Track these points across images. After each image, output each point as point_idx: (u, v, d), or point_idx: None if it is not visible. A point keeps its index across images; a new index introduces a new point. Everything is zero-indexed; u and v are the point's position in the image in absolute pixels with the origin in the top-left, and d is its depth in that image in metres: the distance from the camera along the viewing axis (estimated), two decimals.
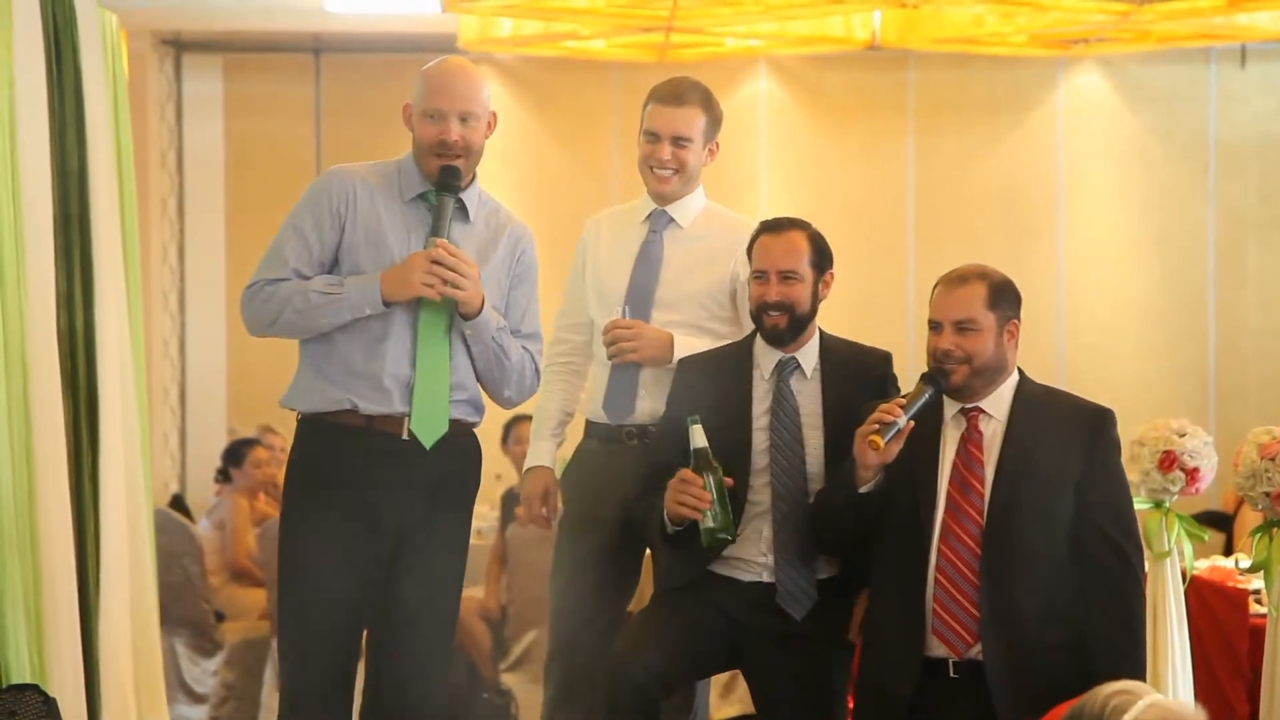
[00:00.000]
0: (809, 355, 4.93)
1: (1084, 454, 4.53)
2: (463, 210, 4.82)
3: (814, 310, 4.92)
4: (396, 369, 4.71)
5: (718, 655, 4.93)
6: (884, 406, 4.57)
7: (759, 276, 4.90)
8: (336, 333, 4.71)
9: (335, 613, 4.71)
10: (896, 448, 4.56)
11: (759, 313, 4.89)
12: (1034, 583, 4.50)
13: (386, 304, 4.68)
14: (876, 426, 4.53)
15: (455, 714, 7.90)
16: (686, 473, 4.72)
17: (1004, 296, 4.62)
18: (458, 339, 4.78)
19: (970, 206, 11.44)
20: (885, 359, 5.01)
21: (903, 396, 4.63)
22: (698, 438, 4.73)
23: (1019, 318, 4.64)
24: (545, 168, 11.47)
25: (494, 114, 4.86)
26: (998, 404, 4.62)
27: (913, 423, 4.55)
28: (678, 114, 5.18)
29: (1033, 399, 4.64)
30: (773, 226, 4.94)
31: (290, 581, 4.77)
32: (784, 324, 4.86)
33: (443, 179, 4.74)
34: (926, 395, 4.58)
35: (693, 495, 4.69)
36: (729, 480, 4.75)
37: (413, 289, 4.64)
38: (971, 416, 4.62)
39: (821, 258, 4.91)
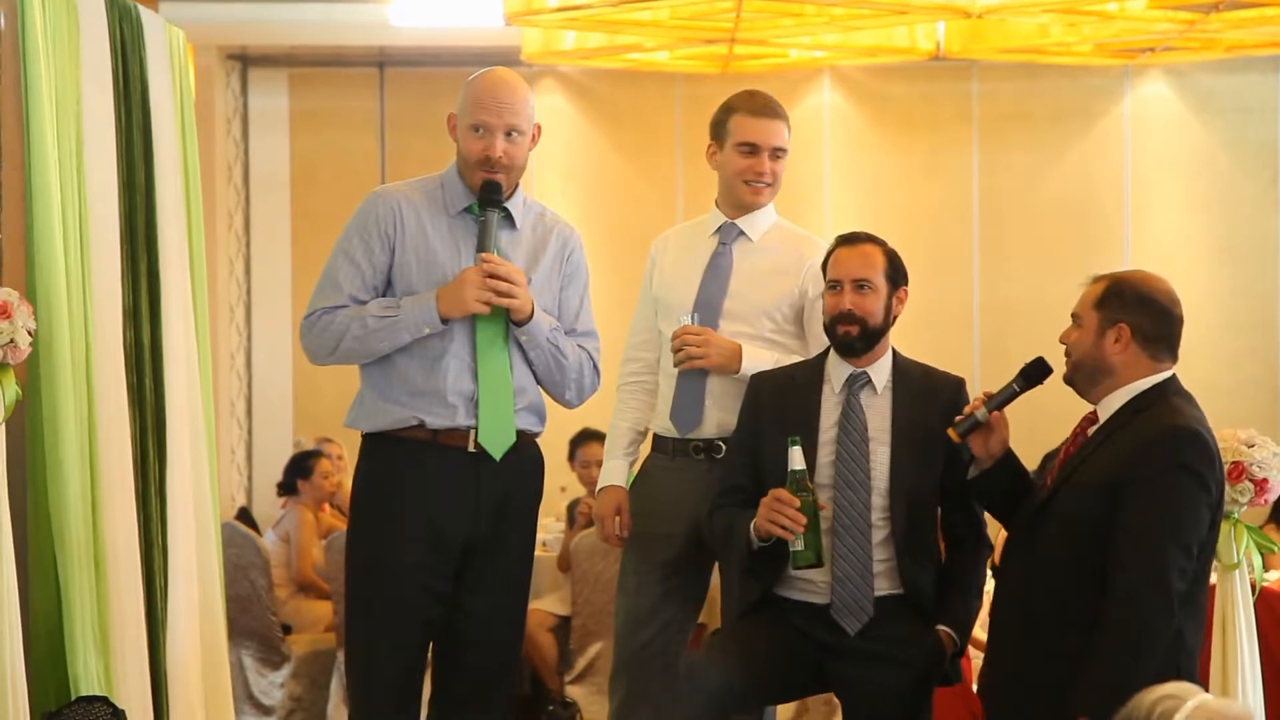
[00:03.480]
0: (881, 371, 4.92)
1: (1129, 467, 4.41)
2: (509, 219, 4.83)
3: (887, 324, 4.91)
4: (459, 384, 4.72)
5: (805, 676, 4.92)
6: (976, 398, 4.68)
7: (833, 287, 4.90)
8: (396, 353, 4.72)
9: (403, 626, 4.72)
10: (987, 439, 4.66)
11: (832, 324, 4.89)
12: (1055, 587, 4.47)
13: (444, 321, 4.68)
14: (958, 419, 4.65)
15: None
16: (783, 493, 4.71)
17: (1115, 299, 4.57)
18: (516, 347, 4.78)
19: (1036, 217, 11.38)
20: (958, 384, 4.99)
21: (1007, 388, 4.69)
22: (796, 459, 4.73)
23: (1131, 323, 4.57)
24: (609, 179, 11.47)
25: (538, 126, 4.86)
26: (1106, 409, 4.60)
27: (997, 413, 4.63)
28: (775, 126, 5.21)
29: (1132, 411, 4.55)
30: (848, 239, 4.96)
31: (359, 595, 4.79)
32: (856, 333, 4.86)
33: (484, 194, 4.75)
34: (1012, 389, 4.65)
35: (787, 516, 4.68)
36: (824, 505, 4.75)
37: (467, 306, 4.65)
38: (1086, 417, 4.65)
39: (896, 273, 4.92)
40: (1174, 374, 4.62)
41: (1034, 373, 4.67)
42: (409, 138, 11.49)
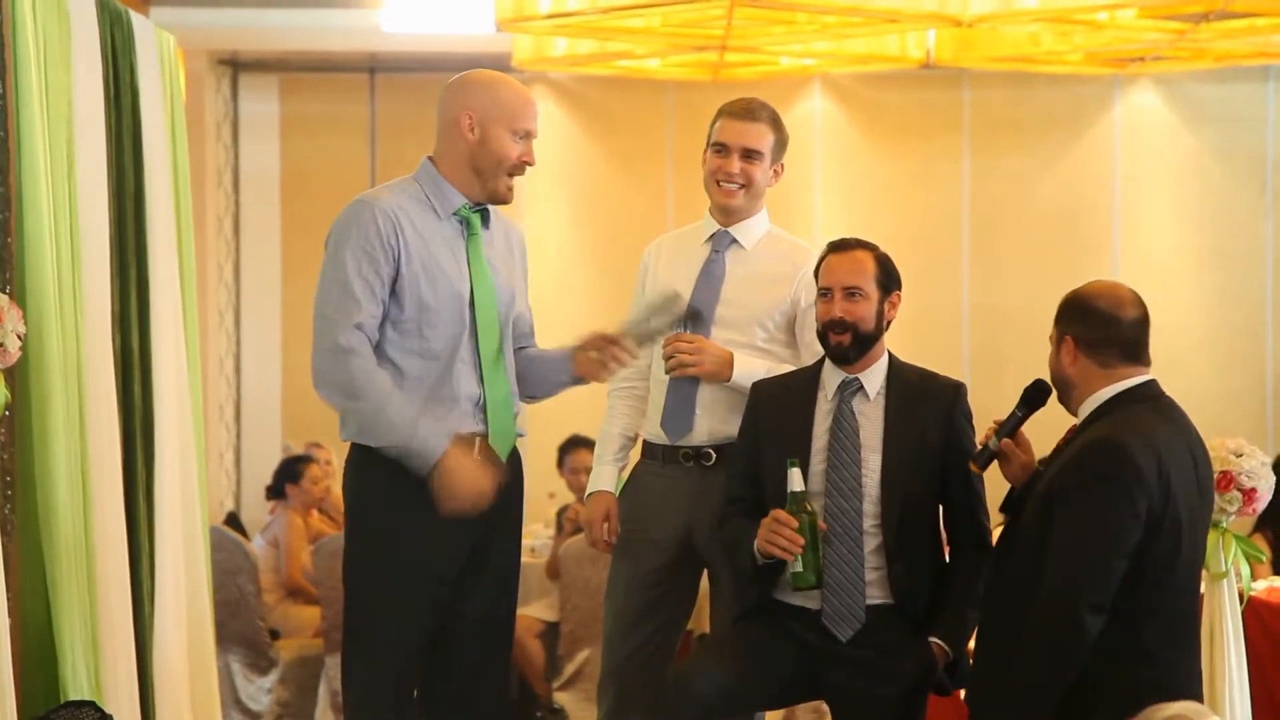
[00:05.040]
0: (874, 377, 4.93)
1: (1058, 479, 4.47)
2: (485, 217, 4.81)
3: (880, 330, 4.92)
4: (469, 389, 4.71)
5: (796, 681, 4.91)
6: (988, 429, 4.71)
7: (824, 294, 4.91)
8: (405, 362, 4.67)
9: (407, 634, 4.71)
10: (1010, 466, 4.69)
11: (824, 331, 4.90)
12: (1019, 597, 4.47)
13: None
14: (977, 450, 4.72)
15: None
16: (781, 514, 4.73)
17: (1063, 313, 4.61)
18: (508, 354, 4.79)
19: (1026, 226, 11.40)
20: (956, 388, 4.97)
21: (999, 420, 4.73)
22: (795, 481, 4.75)
23: (1072, 333, 4.59)
24: (600, 186, 11.47)
25: None
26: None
27: (1009, 440, 4.66)
28: (749, 128, 5.19)
29: (1089, 422, 4.57)
30: (839, 246, 4.96)
31: (362, 604, 4.75)
32: (848, 342, 4.86)
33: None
34: (1016, 415, 4.68)
35: (785, 538, 4.70)
36: (823, 526, 4.76)
37: (459, 506, 4.61)
38: (1071, 431, 4.66)
39: (888, 278, 4.92)
40: (1148, 380, 4.58)
41: (1034, 395, 4.69)
42: (400, 143, 11.48)
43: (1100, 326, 4.57)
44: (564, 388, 5.00)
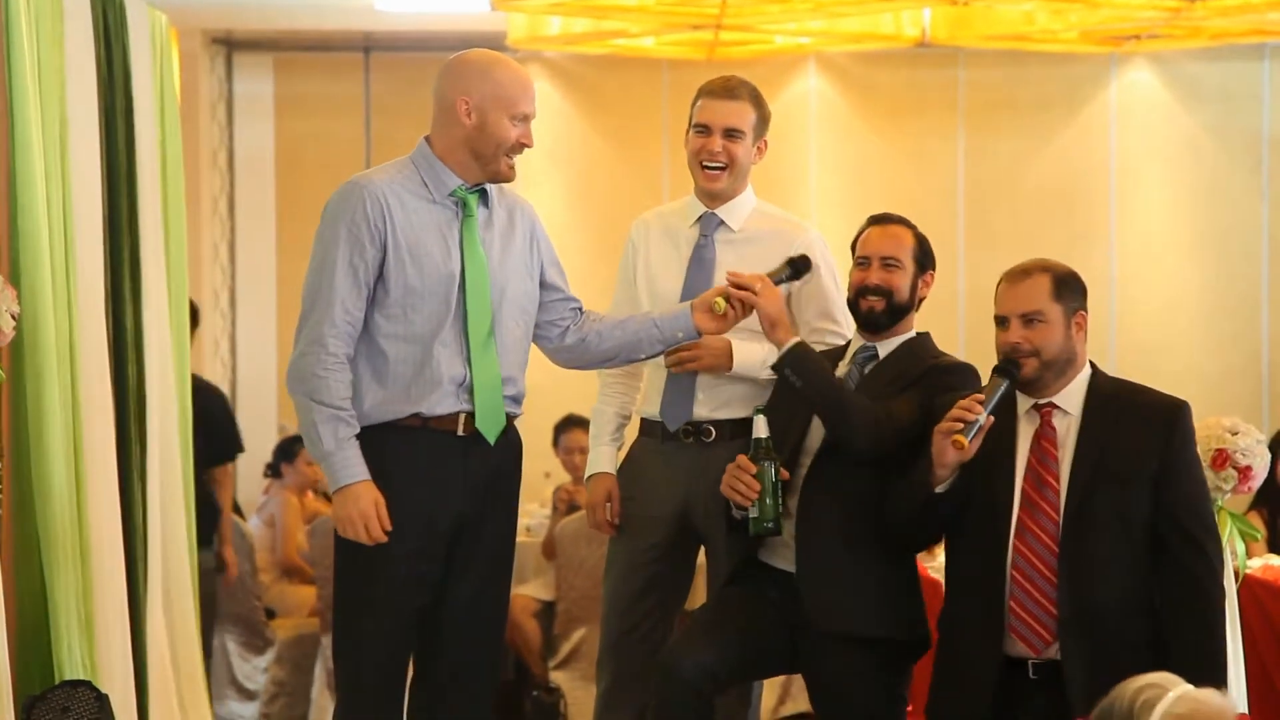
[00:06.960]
0: (888, 348, 4.95)
1: (1160, 448, 4.48)
2: (484, 197, 4.78)
3: (912, 303, 4.96)
4: (453, 370, 4.68)
5: (778, 655, 4.93)
6: (962, 403, 4.53)
7: (861, 263, 4.94)
8: (388, 346, 4.65)
9: (395, 614, 4.70)
10: (978, 444, 4.54)
11: (857, 297, 4.93)
12: (1113, 580, 4.45)
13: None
14: (960, 426, 4.51)
15: (505, 711, 7.91)
16: (743, 459, 4.75)
17: (1068, 287, 4.61)
18: (502, 336, 4.76)
19: (1022, 204, 11.38)
20: (969, 371, 4.94)
21: (980, 391, 4.58)
22: (760, 428, 4.76)
23: (1086, 309, 4.62)
24: (594, 166, 11.46)
25: None
26: (1070, 398, 4.59)
27: (993, 418, 4.53)
28: (729, 106, 5.18)
29: (1106, 392, 4.59)
30: (879, 220, 5.03)
31: (350, 584, 4.75)
32: (881, 307, 4.90)
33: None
34: (1003, 388, 4.56)
35: (744, 484, 4.72)
36: (785, 474, 4.76)
37: (356, 529, 4.61)
38: (1045, 412, 4.59)
39: (925, 256, 5.00)
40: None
41: (1011, 370, 4.62)
42: (394, 123, 11.46)
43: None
44: (669, 346, 4.97)
